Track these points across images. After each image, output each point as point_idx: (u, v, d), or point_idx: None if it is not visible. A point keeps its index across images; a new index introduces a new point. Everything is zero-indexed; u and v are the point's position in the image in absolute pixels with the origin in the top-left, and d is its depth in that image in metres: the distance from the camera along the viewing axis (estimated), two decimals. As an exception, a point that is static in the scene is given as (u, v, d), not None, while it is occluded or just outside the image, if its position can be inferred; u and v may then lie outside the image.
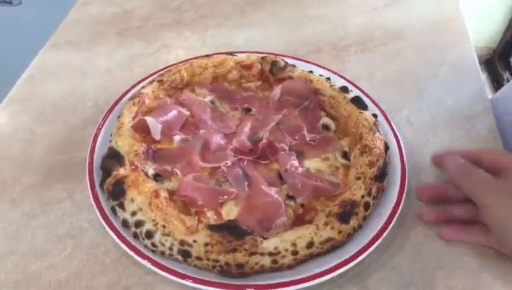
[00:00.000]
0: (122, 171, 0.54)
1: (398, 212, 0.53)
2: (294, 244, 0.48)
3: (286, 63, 0.70)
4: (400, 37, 0.86)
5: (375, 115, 0.63)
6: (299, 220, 0.53)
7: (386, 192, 0.55)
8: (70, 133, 0.64)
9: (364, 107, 0.63)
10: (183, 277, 0.47)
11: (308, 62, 0.74)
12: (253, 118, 0.66)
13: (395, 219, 0.52)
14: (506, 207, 0.47)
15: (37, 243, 0.53)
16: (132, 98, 0.64)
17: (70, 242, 0.52)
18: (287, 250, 0.47)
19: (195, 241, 0.48)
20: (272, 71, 0.69)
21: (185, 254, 0.47)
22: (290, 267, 0.47)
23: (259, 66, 0.70)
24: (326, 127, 0.65)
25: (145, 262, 0.48)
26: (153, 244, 0.48)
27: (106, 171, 0.55)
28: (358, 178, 0.54)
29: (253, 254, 0.47)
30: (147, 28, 0.87)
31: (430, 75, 0.77)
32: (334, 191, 0.55)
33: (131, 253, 0.49)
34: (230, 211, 0.54)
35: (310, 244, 0.48)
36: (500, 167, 0.50)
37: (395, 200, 0.54)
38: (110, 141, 0.59)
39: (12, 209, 0.56)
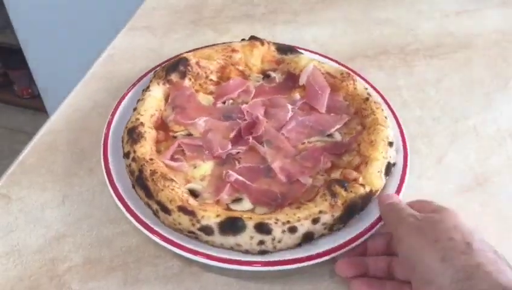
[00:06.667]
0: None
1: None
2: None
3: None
4: (470, 46, 0.85)
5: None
6: None
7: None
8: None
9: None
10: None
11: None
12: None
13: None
14: (415, 241, 0.45)
15: (111, 210, 0.56)
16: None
17: (141, 212, 0.56)
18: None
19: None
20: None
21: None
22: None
23: None
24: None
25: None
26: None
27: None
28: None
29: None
30: (219, 19, 0.90)
31: (499, 86, 0.76)
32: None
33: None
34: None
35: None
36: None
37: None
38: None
39: (90, 176, 0.60)
